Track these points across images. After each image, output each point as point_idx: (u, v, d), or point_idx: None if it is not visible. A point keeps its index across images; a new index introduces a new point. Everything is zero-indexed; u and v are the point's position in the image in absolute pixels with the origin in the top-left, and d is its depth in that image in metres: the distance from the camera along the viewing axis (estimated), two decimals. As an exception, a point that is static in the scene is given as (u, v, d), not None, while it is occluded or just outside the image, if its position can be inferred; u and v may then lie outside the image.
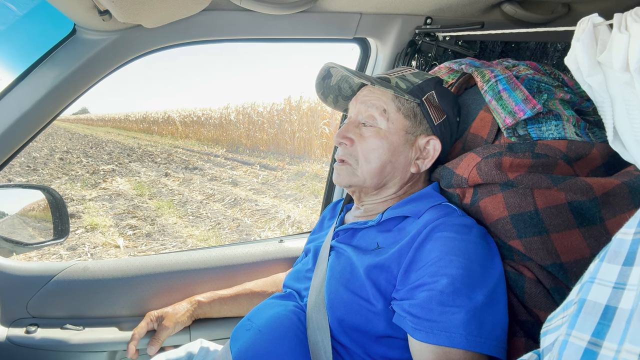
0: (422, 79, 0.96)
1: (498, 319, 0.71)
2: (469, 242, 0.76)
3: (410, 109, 0.92)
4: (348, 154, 0.93)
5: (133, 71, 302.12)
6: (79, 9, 0.91)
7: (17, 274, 1.17)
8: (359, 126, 0.94)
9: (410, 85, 0.94)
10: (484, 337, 0.68)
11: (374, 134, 0.91)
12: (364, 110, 0.93)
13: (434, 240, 0.77)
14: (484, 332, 0.68)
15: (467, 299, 0.70)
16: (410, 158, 0.93)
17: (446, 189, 0.94)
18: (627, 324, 0.34)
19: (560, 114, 0.90)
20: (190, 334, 1.18)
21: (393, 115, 0.91)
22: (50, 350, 1.10)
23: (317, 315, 0.81)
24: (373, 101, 0.93)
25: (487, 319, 0.69)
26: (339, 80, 1.03)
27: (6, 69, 1.45)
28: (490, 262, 0.76)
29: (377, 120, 0.92)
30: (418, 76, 0.97)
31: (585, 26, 0.67)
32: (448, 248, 0.74)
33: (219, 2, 1.06)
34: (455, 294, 0.70)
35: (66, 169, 10.84)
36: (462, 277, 0.71)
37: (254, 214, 6.19)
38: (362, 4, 1.15)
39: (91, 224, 5.61)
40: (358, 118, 0.95)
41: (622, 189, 0.75)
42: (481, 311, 0.69)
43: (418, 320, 0.71)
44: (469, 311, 0.69)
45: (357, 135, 0.93)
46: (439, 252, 0.74)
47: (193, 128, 22.55)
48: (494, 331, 0.69)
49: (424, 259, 0.75)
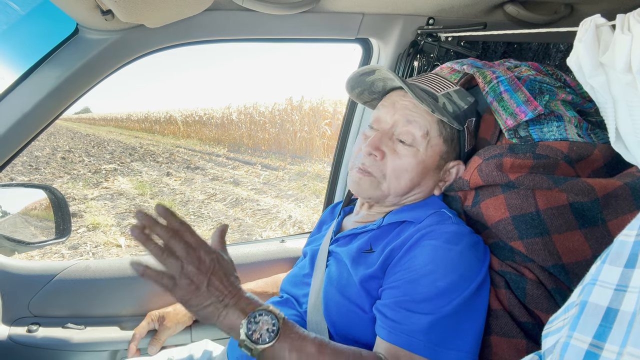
0: (467, 103, 0.92)
1: (466, 330, 0.71)
2: (455, 252, 0.76)
3: (450, 135, 0.89)
4: (376, 167, 0.87)
5: (135, 71, 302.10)
6: (82, 9, 0.91)
7: (18, 273, 1.17)
8: (393, 139, 0.88)
9: (457, 110, 0.89)
10: (443, 346, 0.69)
11: (411, 154, 0.86)
12: (403, 124, 0.87)
13: (420, 248, 0.77)
14: (444, 342, 0.69)
15: (436, 308, 0.70)
16: (437, 180, 0.92)
17: (447, 192, 0.94)
18: (629, 327, 0.33)
19: (562, 115, 0.89)
20: (191, 333, 1.18)
21: (434, 140, 0.87)
22: (52, 350, 1.10)
23: (316, 318, 0.82)
24: (416, 118, 0.86)
25: (451, 329, 0.70)
26: (377, 79, 0.95)
27: (9, 68, 1.46)
28: (472, 272, 0.76)
29: (417, 141, 0.86)
30: (462, 98, 0.92)
31: (588, 27, 0.67)
32: (431, 257, 0.75)
33: (221, 2, 1.06)
34: (425, 302, 0.71)
35: (68, 168, 10.86)
36: (437, 288, 0.72)
37: (255, 214, 6.20)
38: (364, 4, 1.15)
39: (93, 223, 5.62)
40: (393, 130, 0.88)
41: (624, 190, 0.75)
42: (447, 321, 0.70)
43: (385, 319, 0.73)
44: (434, 320, 0.69)
45: (390, 149, 0.87)
46: (422, 260, 0.75)
47: (195, 128, 22.58)
48: (456, 341, 0.70)
49: (407, 264, 0.76)
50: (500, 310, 0.79)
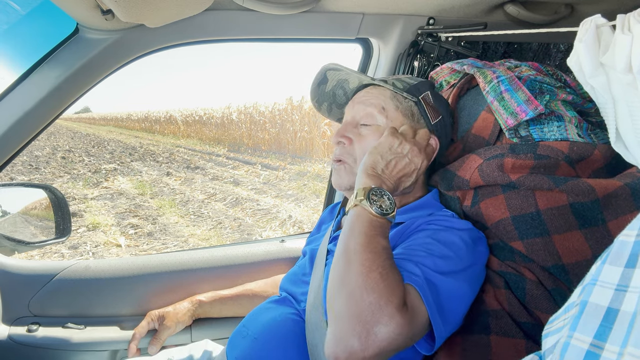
0: (417, 81, 0.98)
1: (448, 291, 0.70)
2: (456, 236, 0.77)
3: (408, 108, 0.93)
4: (346, 152, 0.93)
5: (135, 71, 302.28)
6: (82, 8, 0.91)
7: (18, 272, 1.17)
8: (357, 126, 0.94)
9: (407, 85, 0.95)
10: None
11: (373, 131, 0.91)
12: (361, 109, 0.93)
13: (422, 231, 0.80)
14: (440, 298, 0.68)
15: (433, 264, 0.70)
16: None
17: (446, 192, 0.94)
18: (629, 327, 0.33)
19: (562, 115, 0.89)
20: (192, 333, 1.18)
21: (392, 113, 0.91)
22: (52, 349, 1.10)
23: (315, 317, 0.82)
24: (371, 100, 0.93)
25: (438, 281, 0.69)
26: (334, 87, 1.03)
27: (9, 68, 1.46)
28: (470, 257, 0.76)
29: (376, 118, 0.91)
30: (413, 78, 0.99)
31: (588, 27, 0.67)
32: (432, 234, 0.77)
33: (221, 1, 1.06)
34: (424, 258, 0.71)
35: (68, 167, 10.86)
36: (435, 256, 0.72)
37: (255, 214, 6.20)
38: (364, 4, 1.15)
39: (93, 222, 5.62)
40: (356, 118, 0.95)
41: (624, 191, 0.75)
42: (440, 277, 0.70)
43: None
44: (426, 269, 0.69)
45: (355, 134, 0.93)
46: (423, 236, 0.77)
47: (195, 127, 22.58)
48: (435, 291, 0.68)
49: (405, 244, 0.78)
50: (500, 310, 0.79)
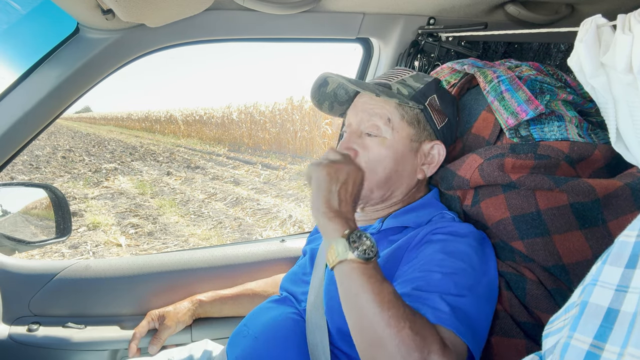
0: (423, 83, 0.94)
1: (475, 309, 0.69)
2: (464, 244, 0.77)
3: (414, 116, 0.91)
4: None
5: (135, 70, 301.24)
6: (83, 8, 0.91)
7: (19, 272, 1.17)
8: (361, 136, 0.91)
9: (412, 91, 0.92)
10: (467, 324, 0.66)
11: (378, 144, 0.89)
12: (366, 119, 0.91)
13: (428, 243, 0.78)
14: (466, 319, 0.67)
15: (451, 287, 0.69)
16: (415, 165, 0.92)
17: (446, 191, 0.94)
18: (629, 327, 0.33)
19: (562, 115, 0.89)
20: (192, 333, 1.18)
21: (397, 124, 0.89)
22: (52, 349, 1.10)
23: (316, 317, 0.82)
24: (376, 110, 0.90)
25: (470, 308, 0.68)
26: (335, 88, 1.01)
27: (9, 68, 1.46)
28: (483, 265, 0.76)
29: (382, 130, 0.89)
30: (418, 80, 0.95)
31: (589, 27, 0.66)
32: (442, 247, 0.76)
33: (222, 1, 1.06)
34: (440, 281, 0.70)
35: (68, 167, 10.86)
36: (452, 274, 0.71)
37: (255, 214, 6.20)
38: (365, 4, 1.15)
39: (93, 222, 5.62)
40: (360, 128, 0.91)
41: (625, 191, 0.75)
42: (464, 301, 0.69)
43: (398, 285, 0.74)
44: (450, 297, 0.68)
45: (360, 146, 0.90)
46: (433, 251, 0.75)
47: (195, 127, 22.57)
48: (465, 317, 0.67)
49: (417, 256, 0.77)
50: (500, 310, 0.79)
